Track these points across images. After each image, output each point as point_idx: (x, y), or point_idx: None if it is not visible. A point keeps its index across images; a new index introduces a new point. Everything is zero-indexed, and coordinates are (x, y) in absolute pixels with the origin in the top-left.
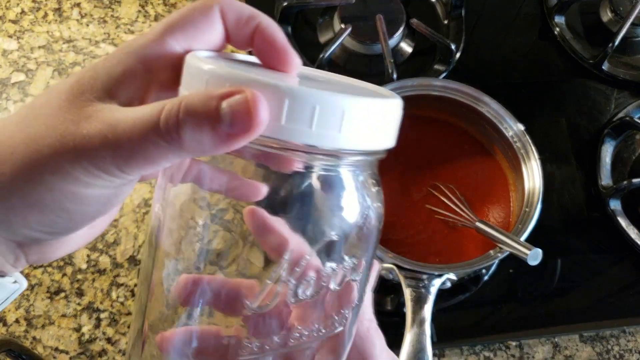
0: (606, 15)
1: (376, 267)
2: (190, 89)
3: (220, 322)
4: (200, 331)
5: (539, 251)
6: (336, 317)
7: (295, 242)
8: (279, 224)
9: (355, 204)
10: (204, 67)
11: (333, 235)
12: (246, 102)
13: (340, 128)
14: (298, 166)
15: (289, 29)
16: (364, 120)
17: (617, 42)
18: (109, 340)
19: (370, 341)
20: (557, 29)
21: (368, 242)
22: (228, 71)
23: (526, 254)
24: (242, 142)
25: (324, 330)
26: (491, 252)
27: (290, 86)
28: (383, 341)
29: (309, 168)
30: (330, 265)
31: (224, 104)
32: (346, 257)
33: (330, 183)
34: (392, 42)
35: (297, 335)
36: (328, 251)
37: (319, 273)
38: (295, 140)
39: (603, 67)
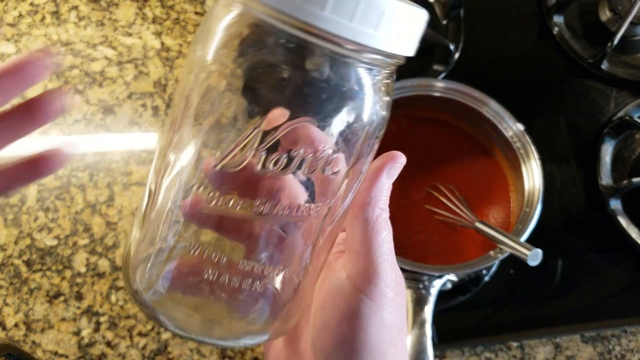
0: (605, 15)
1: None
2: None
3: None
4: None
5: (539, 251)
6: (305, 205)
7: (278, 114)
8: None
9: (363, 103)
10: None
11: (328, 122)
12: None
13: (377, 27)
14: (325, 53)
15: None
16: (399, 23)
17: (616, 42)
18: (108, 344)
19: (376, 228)
20: (556, 28)
21: (362, 143)
22: None
23: (526, 255)
24: None
25: (288, 212)
26: (491, 252)
27: None
28: (390, 233)
29: (334, 57)
30: (308, 150)
31: None
32: (329, 150)
33: (347, 75)
34: None
35: (259, 204)
36: (329, 136)
37: (291, 153)
38: (334, 31)
39: (602, 67)
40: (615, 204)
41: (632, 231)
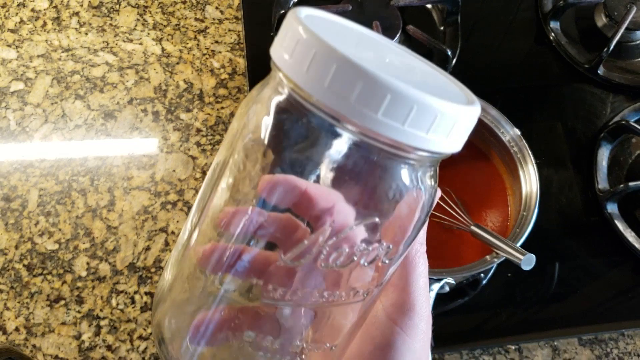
0: (601, 20)
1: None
2: (291, 53)
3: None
4: (234, 250)
5: (532, 256)
6: (359, 290)
7: (341, 214)
8: (332, 195)
9: (408, 195)
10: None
11: (376, 218)
12: None
13: (429, 130)
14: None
15: None
16: (450, 125)
17: (612, 47)
18: (109, 347)
19: (414, 263)
20: (553, 34)
21: (408, 230)
22: (337, 52)
23: (520, 259)
24: None
25: (344, 298)
26: (487, 257)
27: (395, 83)
28: (426, 267)
29: (382, 156)
30: (366, 244)
31: None
32: (384, 242)
33: (392, 171)
34: None
35: (317, 294)
36: (368, 231)
37: (353, 248)
38: (387, 134)
39: (598, 72)
40: (612, 208)
41: (628, 235)
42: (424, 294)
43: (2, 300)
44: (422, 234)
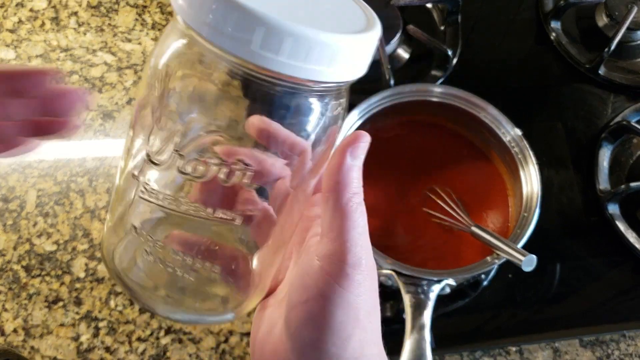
0: (602, 20)
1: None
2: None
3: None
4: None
5: (534, 257)
6: (235, 212)
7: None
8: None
9: (308, 123)
10: None
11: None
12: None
13: (330, 64)
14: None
15: None
16: (349, 57)
17: (613, 47)
18: (107, 349)
19: (345, 212)
20: (554, 34)
21: (307, 157)
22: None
23: (520, 260)
24: None
25: (222, 216)
26: (488, 258)
27: (293, 26)
28: (362, 216)
29: (283, 90)
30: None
31: None
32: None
33: (293, 104)
34: (389, 48)
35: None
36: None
37: (221, 164)
38: (288, 73)
39: (599, 72)
40: (613, 209)
41: (630, 235)
42: (360, 245)
43: (0, 301)
44: (355, 182)
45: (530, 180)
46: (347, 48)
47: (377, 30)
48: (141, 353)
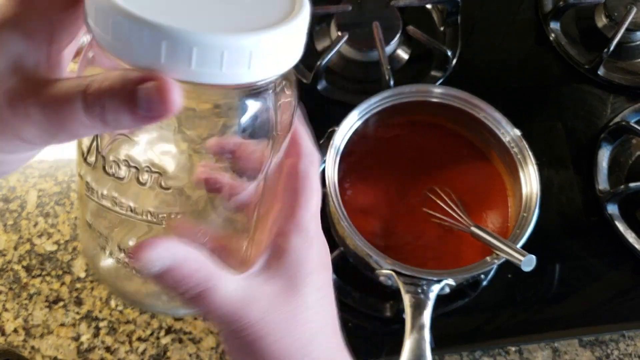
0: (601, 21)
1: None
2: (96, 22)
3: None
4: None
5: (533, 257)
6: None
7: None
8: None
9: (257, 119)
10: (109, 3)
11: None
12: (158, 91)
13: (249, 65)
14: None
15: None
16: (270, 54)
17: (612, 48)
18: (107, 349)
19: (309, 183)
20: (553, 34)
21: (262, 146)
22: (134, 15)
23: (520, 260)
24: (159, 120)
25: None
26: (488, 258)
27: (198, 34)
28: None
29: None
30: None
31: (140, 91)
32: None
33: (226, 106)
34: (389, 49)
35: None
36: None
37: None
38: (206, 81)
39: (599, 72)
40: (613, 209)
41: (629, 236)
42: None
43: (0, 301)
44: (307, 143)
45: (530, 180)
46: (265, 46)
47: (303, 15)
48: (141, 353)
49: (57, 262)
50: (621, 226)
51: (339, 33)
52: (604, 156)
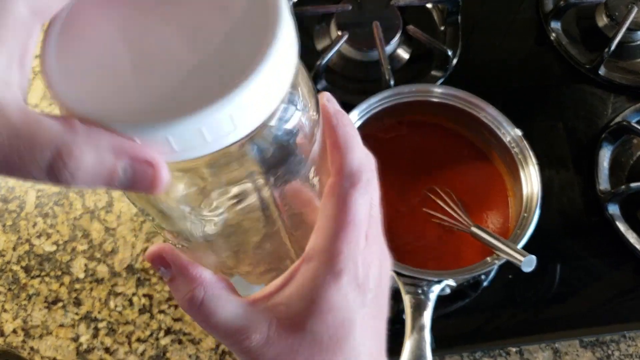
0: (602, 21)
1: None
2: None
3: None
4: None
5: (533, 258)
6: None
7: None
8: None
9: (277, 146)
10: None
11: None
12: (147, 174)
13: (235, 126)
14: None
15: None
16: (255, 102)
17: (613, 47)
18: (107, 350)
19: (344, 216)
20: (554, 34)
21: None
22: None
23: (520, 261)
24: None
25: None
26: (488, 258)
27: (167, 124)
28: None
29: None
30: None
31: (121, 171)
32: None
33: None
34: (389, 48)
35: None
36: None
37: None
38: (195, 156)
39: (600, 72)
40: (613, 209)
41: (630, 236)
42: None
43: None
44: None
45: (531, 180)
46: (246, 101)
47: (282, 36)
48: (141, 354)
49: (56, 262)
50: (622, 226)
51: (339, 32)
52: (604, 156)
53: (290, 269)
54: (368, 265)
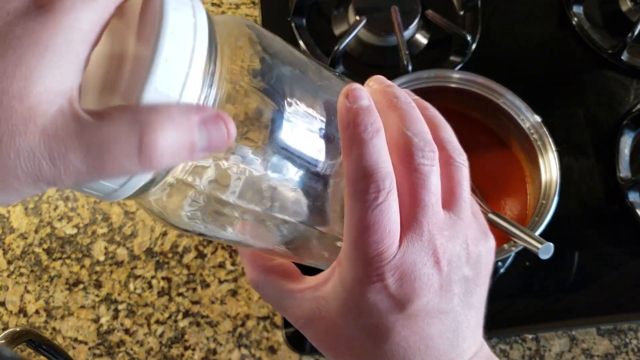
0: (626, 5)
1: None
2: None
3: None
4: None
5: (551, 245)
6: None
7: None
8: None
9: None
10: None
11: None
12: (220, 126)
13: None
14: None
15: (304, 21)
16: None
17: (636, 32)
18: (126, 331)
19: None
20: (575, 18)
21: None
22: None
23: (538, 248)
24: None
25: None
26: (505, 245)
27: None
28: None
29: None
30: None
31: (199, 134)
32: None
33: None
34: (407, 33)
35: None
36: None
37: None
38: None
39: (622, 57)
40: (634, 197)
41: None
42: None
43: (22, 283)
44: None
45: (550, 167)
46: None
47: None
48: (160, 335)
49: (76, 245)
50: None
51: (357, 17)
52: (626, 143)
53: (333, 265)
54: (404, 273)
